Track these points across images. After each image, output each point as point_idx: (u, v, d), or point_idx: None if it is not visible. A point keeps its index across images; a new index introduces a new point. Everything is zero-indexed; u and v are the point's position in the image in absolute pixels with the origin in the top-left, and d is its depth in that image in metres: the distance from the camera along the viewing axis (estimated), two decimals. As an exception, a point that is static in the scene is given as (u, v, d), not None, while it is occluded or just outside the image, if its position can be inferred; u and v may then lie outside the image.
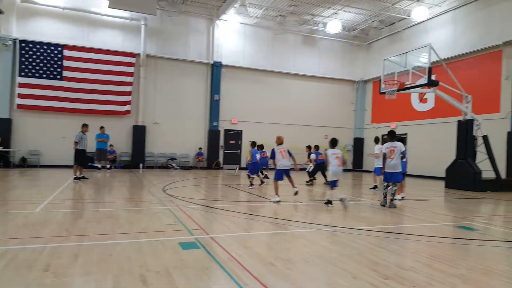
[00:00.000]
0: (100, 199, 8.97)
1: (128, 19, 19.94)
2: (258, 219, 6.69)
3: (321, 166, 13.60)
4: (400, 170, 8.62)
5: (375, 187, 12.51)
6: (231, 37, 22.22)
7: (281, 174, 9.19)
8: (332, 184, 8.46)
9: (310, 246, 4.87)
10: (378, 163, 11.11)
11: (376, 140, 12.41)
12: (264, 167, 13.94)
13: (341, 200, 7.97)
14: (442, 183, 14.90)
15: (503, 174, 14.75)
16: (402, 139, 10.66)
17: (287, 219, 6.84)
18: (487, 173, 13.75)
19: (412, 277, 3.75)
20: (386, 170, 8.61)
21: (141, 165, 19.94)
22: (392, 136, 8.80)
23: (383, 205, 8.60)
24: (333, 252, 4.59)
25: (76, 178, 12.48)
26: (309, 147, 15.23)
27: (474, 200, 10.86)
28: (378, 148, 11.51)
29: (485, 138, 13.79)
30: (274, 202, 8.77)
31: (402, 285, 3.53)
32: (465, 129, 13.81)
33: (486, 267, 4.19)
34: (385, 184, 8.80)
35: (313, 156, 13.91)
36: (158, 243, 4.73)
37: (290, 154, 9.51)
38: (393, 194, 8.70)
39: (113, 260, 3.98)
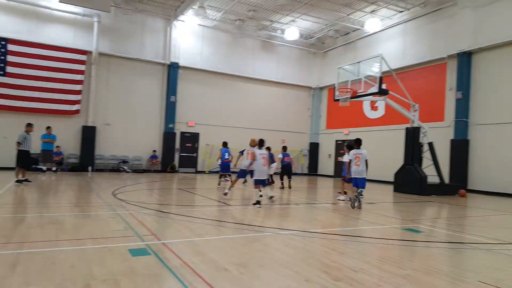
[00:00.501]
0: (44, 203, 8.48)
1: (80, 15, 19.04)
2: (213, 224, 6.61)
3: (287, 169, 13.86)
4: (365, 176, 9.14)
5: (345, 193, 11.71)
6: (189, 39, 21.93)
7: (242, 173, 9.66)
8: (261, 183, 8.93)
9: (264, 250, 4.88)
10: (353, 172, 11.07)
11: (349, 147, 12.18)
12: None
13: (271, 198, 8.80)
14: (390, 187, 15.61)
15: (446, 179, 15.60)
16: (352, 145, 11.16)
17: (242, 223, 6.82)
18: (432, 178, 14.52)
19: (362, 279, 3.86)
20: (352, 176, 9.16)
21: (90, 168, 19.02)
22: (358, 144, 9.39)
23: (354, 207, 9.15)
24: (287, 256, 4.63)
25: (18, 181, 11.61)
26: (268, 149, 15.13)
27: (420, 204, 11.43)
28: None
29: (430, 145, 14.58)
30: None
31: (352, 287, 3.62)
32: (412, 136, 14.55)
33: (430, 267, 4.39)
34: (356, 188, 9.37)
35: (280, 156, 13.84)
36: (105, 250, 4.52)
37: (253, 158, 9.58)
38: (361, 197, 9.21)
39: (56, 269, 3.75)
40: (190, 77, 21.93)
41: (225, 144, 13.25)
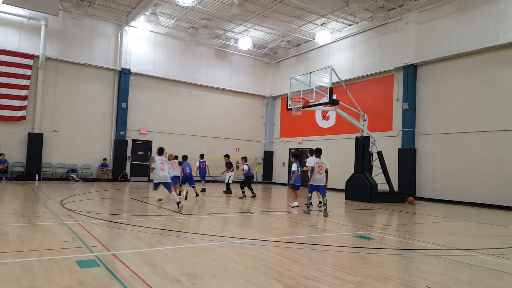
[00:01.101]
0: (-15, 214, 7.98)
1: (27, 17, 18.18)
2: (165, 234, 6.54)
3: (250, 179, 14.03)
4: (323, 184, 9.98)
5: (319, 203, 11.59)
6: (141, 45, 21.60)
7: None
8: (156, 186, 9.77)
9: (218, 260, 4.83)
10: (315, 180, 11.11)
11: (311, 153, 11.82)
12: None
13: (160, 200, 9.68)
14: (342, 195, 15.89)
15: (395, 187, 15.98)
16: (297, 154, 11.76)
17: (196, 232, 6.80)
18: (382, 185, 14.95)
19: (315, 286, 3.92)
20: (312, 183, 9.95)
21: (37, 177, 18.09)
22: (319, 153, 10.31)
23: (308, 213, 9.93)
24: (240, 265, 4.63)
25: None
26: (227, 156, 15.39)
27: (371, 211, 11.64)
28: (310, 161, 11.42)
29: (379, 153, 15.04)
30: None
31: (305, 295, 3.66)
32: (362, 145, 14.97)
33: (381, 274, 4.48)
34: (310, 195, 10.15)
35: (245, 167, 13.86)
36: (52, 262, 4.40)
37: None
38: (325, 204, 9.83)
39: (-2, 283, 3.62)
40: (142, 84, 21.56)
41: (185, 158, 13.52)
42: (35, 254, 4.79)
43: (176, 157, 12.68)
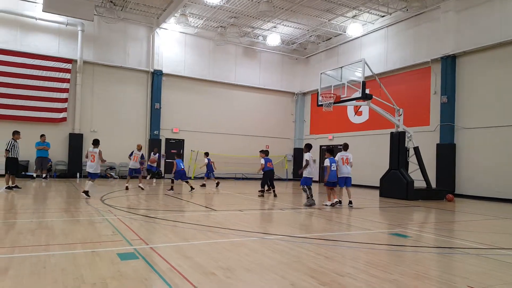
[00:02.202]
0: (34, 209, 8.52)
1: (64, 24, 19.07)
2: (199, 228, 6.69)
3: (270, 175, 13.35)
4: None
5: (339, 202, 11.06)
6: (171, 46, 22.08)
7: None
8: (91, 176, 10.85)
9: (250, 255, 4.88)
10: (342, 173, 10.95)
11: (345, 147, 11.62)
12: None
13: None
14: (376, 192, 15.51)
15: (433, 184, 15.42)
16: (331, 150, 11.42)
17: (228, 228, 6.89)
18: (419, 182, 14.45)
19: (349, 283, 3.87)
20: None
21: (78, 174, 18.98)
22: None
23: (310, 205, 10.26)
24: (273, 260, 4.64)
25: (8, 188, 11.86)
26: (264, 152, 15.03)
27: (407, 208, 11.30)
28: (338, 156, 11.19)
29: (416, 149, 14.53)
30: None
31: (339, 292, 3.63)
32: (397, 140, 14.51)
33: (418, 272, 4.37)
34: (306, 187, 10.68)
35: (262, 161, 13.38)
36: (94, 254, 4.64)
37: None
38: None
39: (47, 273, 3.86)
40: (173, 84, 22.05)
41: (179, 156, 14.15)
42: (79, 246, 5.06)
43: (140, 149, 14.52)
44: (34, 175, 16.59)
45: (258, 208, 10.46)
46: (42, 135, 16.63)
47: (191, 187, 13.57)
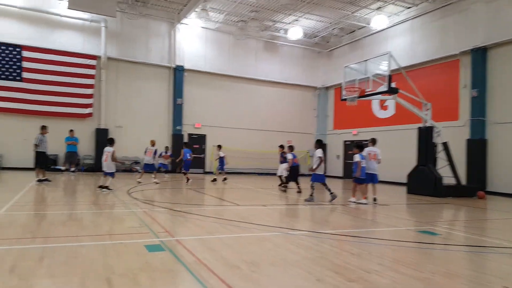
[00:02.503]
0: (65, 201, 8.81)
1: (88, 20, 19.45)
2: (222, 222, 6.72)
3: (296, 170, 13.06)
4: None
5: (374, 200, 10.69)
6: (193, 41, 22.18)
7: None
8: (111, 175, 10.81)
9: (275, 250, 4.87)
10: (369, 169, 10.62)
11: (373, 142, 11.34)
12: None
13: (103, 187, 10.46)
14: (403, 189, 15.14)
15: (463, 180, 14.88)
16: (361, 145, 10.99)
17: (252, 222, 6.89)
18: (448, 179, 13.98)
19: (376, 280, 3.78)
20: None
21: (104, 169, 19.47)
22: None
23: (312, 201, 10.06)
24: (297, 255, 4.61)
25: (39, 181, 12.25)
26: (281, 147, 14.77)
27: (436, 206, 11.00)
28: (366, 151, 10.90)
29: (445, 145, 14.05)
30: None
31: (366, 289, 3.57)
32: (425, 136, 14.08)
33: (449, 271, 4.24)
34: (321, 184, 10.43)
35: (289, 156, 13.04)
36: (122, 246, 4.72)
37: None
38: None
39: (78, 263, 3.96)
40: (195, 80, 22.19)
41: (187, 145, 14.84)
42: (107, 238, 5.18)
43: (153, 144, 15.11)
44: (63, 168, 17.12)
45: (281, 203, 10.42)
46: (71, 130, 17.11)
47: (188, 179, 14.03)
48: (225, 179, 16.23)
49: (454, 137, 15.74)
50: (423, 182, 13.88)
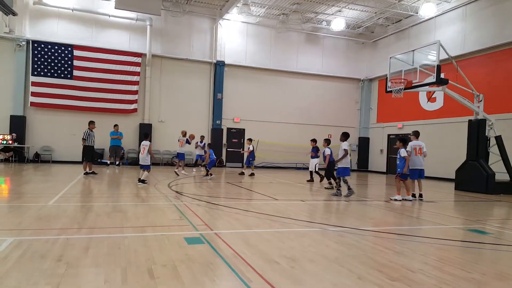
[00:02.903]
0: (109, 194, 9.17)
1: (134, 19, 20.17)
2: (261, 217, 6.71)
3: (332, 165, 12.58)
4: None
5: (413, 196, 10.36)
6: (234, 37, 22.35)
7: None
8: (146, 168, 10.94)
9: (314, 246, 4.79)
10: (415, 165, 10.31)
11: (416, 135, 10.80)
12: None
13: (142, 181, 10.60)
14: (451, 185, 14.50)
15: None
16: (404, 139, 10.44)
17: (290, 217, 6.84)
18: (501, 175, 13.25)
19: (421, 280, 3.65)
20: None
21: (147, 162, 20.19)
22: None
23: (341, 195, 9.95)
24: (338, 252, 4.52)
25: (86, 174, 12.89)
26: (314, 141, 14.53)
27: (487, 203, 10.51)
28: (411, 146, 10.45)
29: (498, 138, 13.29)
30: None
31: (410, 288, 3.45)
32: (476, 129, 13.40)
33: (502, 272, 4.03)
34: (342, 178, 10.06)
35: (327, 151, 12.60)
36: (163, 237, 4.85)
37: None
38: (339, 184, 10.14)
39: (121, 253, 4.11)
40: (235, 74, 22.38)
41: (210, 146, 15.19)
42: (149, 229, 5.34)
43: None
44: (108, 162, 17.94)
45: (321, 199, 10.26)
46: (116, 125, 17.92)
47: (211, 174, 14.17)
48: (252, 174, 16.25)
49: (509, 130, 14.76)
50: (473, 178, 13.21)
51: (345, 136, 10.31)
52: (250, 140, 16.59)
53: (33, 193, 8.62)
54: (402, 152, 9.89)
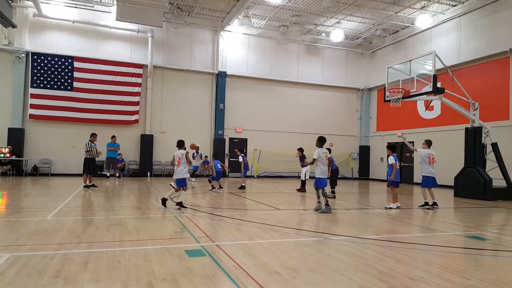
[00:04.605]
0: (109, 207, 9.13)
1: (135, 31, 20.32)
2: (263, 227, 6.72)
3: (336, 173, 12.31)
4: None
5: (426, 204, 10.30)
6: (235, 48, 22.53)
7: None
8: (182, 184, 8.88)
9: (315, 255, 4.82)
10: (427, 172, 10.36)
11: (429, 144, 10.91)
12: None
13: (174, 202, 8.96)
14: (450, 192, 14.61)
15: None
16: (393, 146, 10.45)
17: (292, 227, 6.85)
18: (498, 181, 13.39)
19: None
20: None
21: (149, 173, 20.14)
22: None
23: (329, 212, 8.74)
24: (339, 262, 4.54)
25: (86, 186, 12.77)
26: (300, 150, 14.09)
27: (485, 209, 10.62)
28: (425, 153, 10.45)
29: (494, 145, 13.51)
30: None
31: (411, 296, 3.44)
32: (473, 136, 13.62)
33: (499, 278, 4.08)
34: (320, 189, 8.98)
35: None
36: (164, 250, 4.83)
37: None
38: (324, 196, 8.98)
39: (121, 267, 4.10)
40: (237, 85, 22.48)
41: (216, 156, 13.98)
42: (150, 243, 5.32)
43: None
44: (108, 174, 17.68)
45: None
46: (113, 136, 17.51)
47: (220, 186, 13.41)
48: (242, 187, 14.53)
49: (505, 138, 15.05)
50: (471, 184, 13.40)
51: (320, 141, 9.17)
52: (240, 150, 15.09)
53: (32, 207, 8.57)
54: (390, 160, 9.87)
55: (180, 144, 9.44)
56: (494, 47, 16.72)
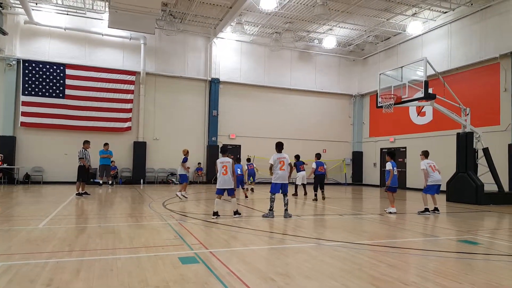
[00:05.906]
0: (102, 214, 9.04)
1: (128, 38, 20.31)
2: (257, 234, 6.70)
3: (321, 179, 13.16)
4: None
5: (426, 210, 10.28)
6: (228, 54, 22.61)
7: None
8: (219, 192, 8.46)
9: (309, 261, 4.82)
10: (431, 180, 10.52)
11: (426, 154, 10.93)
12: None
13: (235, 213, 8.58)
14: (443, 197, 14.54)
15: (506, 187, 14.40)
16: (392, 153, 10.67)
17: (286, 233, 6.85)
18: (489, 186, 13.52)
19: None
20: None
21: (142, 181, 20.01)
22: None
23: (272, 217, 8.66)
24: (333, 267, 4.55)
25: (79, 194, 12.68)
26: (296, 157, 15.08)
27: (477, 214, 10.70)
28: (425, 164, 10.62)
29: (485, 150, 13.62)
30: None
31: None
32: (464, 142, 13.73)
33: (491, 282, 4.12)
34: (272, 196, 8.89)
35: (313, 165, 13.23)
36: (157, 258, 4.79)
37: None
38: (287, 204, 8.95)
39: (114, 275, 4.05)
40: (230, 91, 22.54)
41: (238, 160, 13.59)
42: (143, 250, 5.27)
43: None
44: (101, 181, 17.54)
45: (316, 213, 10.25)
46: (106, 144, 17.36)
47: (246, 195, 13.49)
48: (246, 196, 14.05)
49: (495, 143, 15.25)
50: (463, 189, 13.51)
51: (277, 147, 9.26)
52: (248, 159, 15.47)
53: (23, 216, 8.47)
54: (388, 166, 10.16)
55: (224, 150, 8.80)
56: (484, 53, 16.98)
